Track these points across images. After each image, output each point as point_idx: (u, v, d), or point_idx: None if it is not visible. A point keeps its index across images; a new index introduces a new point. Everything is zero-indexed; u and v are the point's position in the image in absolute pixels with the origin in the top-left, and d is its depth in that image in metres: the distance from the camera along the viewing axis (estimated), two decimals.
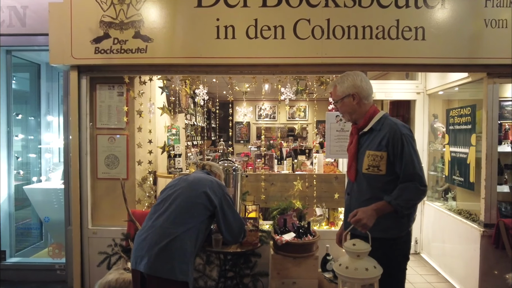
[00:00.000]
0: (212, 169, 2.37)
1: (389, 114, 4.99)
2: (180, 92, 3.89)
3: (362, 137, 1.90)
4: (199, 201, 1.97)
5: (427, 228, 4.25)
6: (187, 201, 1.96)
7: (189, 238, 1.88)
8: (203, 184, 2.05)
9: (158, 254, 1.81)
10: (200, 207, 1.97)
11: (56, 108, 4.50)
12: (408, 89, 4.37)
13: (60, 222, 3.62)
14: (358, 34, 2.92)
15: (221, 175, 2.41)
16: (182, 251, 1.85)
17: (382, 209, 1.72)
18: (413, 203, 1.75)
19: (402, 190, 1.72)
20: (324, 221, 3.35)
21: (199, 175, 2.17)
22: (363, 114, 1.89)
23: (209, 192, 2.01)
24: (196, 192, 2.00)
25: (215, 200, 2.01)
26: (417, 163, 1.74)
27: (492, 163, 3.06)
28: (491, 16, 2.90)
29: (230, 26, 2.93)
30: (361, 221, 1.67)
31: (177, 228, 1.87)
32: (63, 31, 3.01)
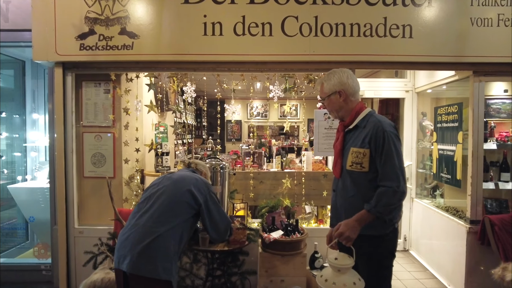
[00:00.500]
0: (198, 167, 2.33)
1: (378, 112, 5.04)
2: (168, 89, 3.84)
3: (348, 134, 1.90)
4: (183, 199, 1.94)
5: (415, 225, 4.29)
6: (171, 200, 1.93)
7: (172, 237, 1.86)
8: (187, 182, 2.02)
9: (140, 253, 1.78)
10: (184, 206, 1.94)
11: (42, 106, 4.41)
12: (397, 87, 4.39)
13: (46, 222, 3.56)
14: (346, 31, 2.92)
15: (207, 173, 2.38)
16: (165, 250, 1.82)
17: (364, 218, 1.71)
18: (393, 207, 1.72)
19: (379, 196, 1.71)
20: (312, 218, 3.35)
21: (184, 173, 2.14)
22: (350, 111, 1.89)
23: (194, 190, 1.98)
24: (180, 190, 1.97)
25: (200, 198, 1.98)
26: (397, 162, 1.72)
27: (478, 161, 3.10)
28: (477, 15, 2.93)
29: (218, 22, 2.90)
30: (343, 234, 1.67)
31: (160, 227, 1.84)
32: (46, 26, 2.95)
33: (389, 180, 1.70)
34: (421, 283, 3.52)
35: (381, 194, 1.71)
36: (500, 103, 3.49)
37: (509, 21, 2.95)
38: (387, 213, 1.71)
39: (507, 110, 3.47)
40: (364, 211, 1.72)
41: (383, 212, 1.70)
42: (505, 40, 2.96)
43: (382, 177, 1.74)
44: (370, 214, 1.71)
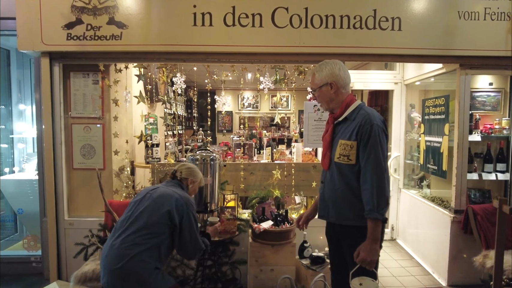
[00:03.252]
0: (183, 175, 2.22)
1: (368, 104, 5.07)
2: (157, 80, 3.81)
3: (337, 126, 1.91)
4: (161, 221, 1.91)
5: (402, 215, 4.39)
6: (148, 221, 1.90)
7: (149, 256, 1.86)
8: (167, 202, 1.96)
9: (115, 275, 1.84)
10: (162, 227, 1.91)
11: (29, 96, 4.33)
12: (387, 79, 4.44)
13: (35, 214, 3.53)
14: (336, 23, 2.93)
15: (195, 177, 2.25)
16: (141, 269, 1.83)
17: (373, 230, 1.71)
18: (384, 189, 1.72)
19: (368, 188, 1.71)
20: (302, 209, 3.41)
21: (165, 191, 2.04)
22: (340, 103, 1.89)
23: (172, 211, 1.93)
24: (159, 212, 1.92)
25: (176, 219, 1.94)
26: (380, 154, 1.73)
27: (463, 152, 3.18)
28: (464, 8, 2.97)
29: (208, 13, 2.88)
30: (366, 260, 1.69)
31: (134, 249, 1.83)
32: (32, 15, 2.88)
33: (370, 175, 1.72)
34: (407, 271, 3.63)
35: (369, 186, 1.72)
36: (485, 96, 3.56)
37: (495, 15, 3.00)
38: (385, 202, 1.71)
39: (491, 103, 3.55)
40: (369, 223, 1.71)
41: (384, 205, 1.71)
42: (491, 33, 3.01)
43: (364, 168, 1.74)
44: (377, 221, 1.71)
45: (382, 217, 1.71)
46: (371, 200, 1.71)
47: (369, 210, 1.72)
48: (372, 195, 1.71)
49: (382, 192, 1.72)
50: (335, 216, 1.88)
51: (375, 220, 1.71)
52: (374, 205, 1.70)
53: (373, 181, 1.71)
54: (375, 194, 1.70)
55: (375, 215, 1.70)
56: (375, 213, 1.70)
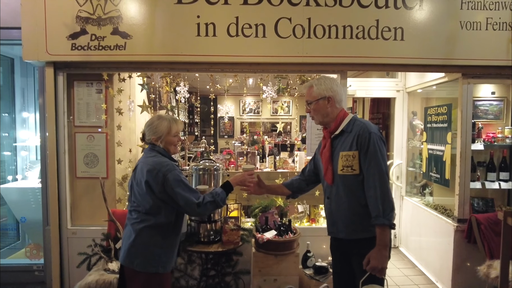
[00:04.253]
0: (146, 137, 1.99)
1: (370, 111, 5.08)
2: (160, 89, 3.83)
3: (335, 140, 1.93)
4: (146, 196, 1.86)
5: (405, 222, 4.39)
6: (136, 198, 1.93)
7: (155, 231, 1.89)
8: (143, 173, 1.86)
9: (128, 249, 1.90)
10: (149, 200, 1.86)
11: (32, 104, 4.35)
12: (388, 87, 4.45)
13: (38, 222, 3.53)
14: (339, 33, 2.95)
15: (157, 133, 1.95)
16: (146, 246, 1.89)
17: (382, 236, 1.72)
18: (388, 194, 1.75)
19: (372, 195, 1.75)
20: (305, 217, 3.41)
21: (141, 161, 1.95)
22: (334, 118, 1.93)
23: (150, 182, 1.84)
24: (140, 186, 1.88)
25: (155, 189, 1.84)
26: (381, 161, 1.76)
27: (465, 161, 3.18)
28: (466, 18, 2.99)
29: (211, 23, 2.90)
30: (376, 267, 1.70)
31: (137, 225, 1.89)
32: (37, 26, 2.90)
33: (373, 182, 1.76)
34: (410, 280, 3.62)
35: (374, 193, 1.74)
36: (487, 105, 3.57)
37: (497, 25, 3.02)
38: (391, 207, 1.74)
39: (494, 112, 3.56)
40: (378, 230, 1.73)
41: (390, 210, 1.73)
42: (493, 43, 3.03)
43: (367, 176, 1.77)
44: (384, 227, 1.72)
45: (389, 222, 1.73)
46: (376, 206, 1.74)
47: (375, 216, 1.74)
48: (377, 201, 1.74)
49: (386, 197, 1.75)
50: (344, 231, 1.88)
51: (383, 226, 1.73)
52: (380, 211, 1.73)
53: (377, 187, 1.75)
54: (379, 199, 1.74)
55: (382, 221, 1.72)
56: (382, 219, 1.72)
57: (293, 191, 2.23)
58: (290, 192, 2.23)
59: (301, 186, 2.21)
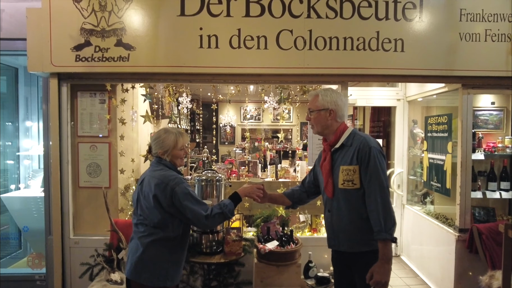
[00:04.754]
0: (154, 151, 2.00)
1: (370, 119, 5.10)
2: (163, 99, 3.86)
3: (335, 153, 1.94)
4: (154, 211, 1.87)
5: (406, 231, 4.39)
6: (144, 211, 1.92)
7: (162, 245, 1.90)
8: (151, 187, 1.88)
9: (135, 263, 1.90)
10: (157, 214, 1.88)
11: (35, 113, 4.38)
12: (389, 96, 4.48)
13: (40, 231, 3.55)
14: (340, 45, 2.98)
15: (165, 148, 1.96)
16: (154, 260, 1.89)
17: (385, 251, 1.74)
18: (389, 209, 1.78)
19: (374, 210, 1.77)
20: (306, 227, 3.42)
21: (147, 180, 1.94)
22: (334, 131, 1.95)
23: (158, 196, 1.85)
24: (148, 199, 1.88)
25: (163, 203, 1.85)
26: (382, 175, 1.79)
27: (466, 170, 3.19)
28: (465, 30, 3.02)
29: (214, 35, 2.94)
30: (380, 282, 1.72)
31: (144, 239, 1.90)
32: (42, 37, 2.94)
33: (374, 196, 1.78)
34: None
35: (375, 207, 1.76)
36: (487, 115, 3.59)
37: (496, 36, 3.05)
38: (392, 221, 1.76)
39: (494, 121, 3.58)
40: (380, 244, 1.75)
41: (392, 224, 1.75)
42: (492, 54, 3.05)
43: (368, 191, 1.80)
44: (386, 241, 1.74)
45: (391, 237, 1.75)
46: (378, 220, 1.76)
47: (377, 231, 1.76)
48: (378, 216, 1.76)
49: (388, 211, 1.77)
50: (346, 244, 1.90)
51: (385, 241, 1.75)
52: (381, 226, 1.75)
53: (378, 202, 1.77)
54: (381, 214, 1.76)
55: (384, 236, 1.74)
56: (384, 234, 1.74)
57: (293, 202, 2.24)
58: (291, 203, 2.24)
59: (301, 197, 2.23)
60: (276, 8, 2.92)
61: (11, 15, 3.35)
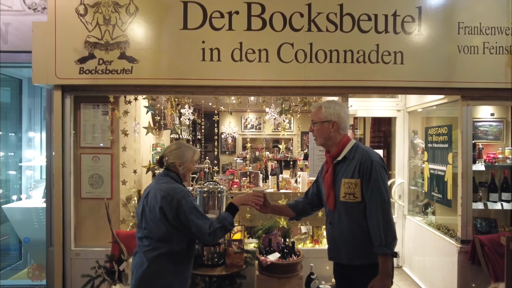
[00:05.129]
0: (170, 161, 2.03)
1: (371, 129, 5.11)
2: (165, 110, 3.90)
3: (337, 165, 1.96)
4: (160, 221, 1.88)
5: (408, 242, 4.37)
6: (148, 224, 1.92)
7: (164, 262, 1.90)
8: (157, 200, 1.89)
9: (140, 277, 1.90)
10: (163, 227, 1.88)
11: (38, 123, 4.42)
12: (389, 107, 4.52)
13: (41, 242, 3.54)
14: (340, 57, 3.02)
15: (183, 160, 2.03)
16: (160, 274, 1.89)
17: (384, 265, 1.75)
18: (390, 223, 1.79)
19: (374, 224, 1.78)
20: (308, 239, 3.41)
21: (153, 192, 1.95)
22: (337, 143, 1.96)
23: (165, 209, 1.87)
24: (154, 212, 1.89)
25: (169, 216, 1.87)
26: (383, 189, 1.80)
27: (467, 181, 3.20)
28: (463, 43, 3.06)
29: (216, 48, 2.98)
30: None
31: (149, 254, 1.90)
32: (47, 51, 2.99)
33: (375, 211, 1.79)
34: None
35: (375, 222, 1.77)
36: (487, 126, 3.62)
37: (494, 49, 3.09)
38: (392, 236, 1.77)
39: (494, 133, 3.60)
40: (380, 258, 1.76)
41: (392, 239, 1.76)
42: (491, 66, 3.09)
43: (369, 205, 1.81)
44: (387, 256, 1.75)
45: (391, 251, 1.75)
46: (378, 235, 1.76)
47: (377, 245, 1.77)
48: (379, 230, 1.77)
49: (388, 226, 1.78)
50: (347, 257, 1.90)
51: (385, 255, 1.75)
52: (382, 240, 1.75)
53: (379, 216, 1.78)
54: (381, 228, 1.76)
55: (384, 250, 1.75)
56: (384, 248, 1.75)
57: (297, 213, 2.23)
58: (294, 214, 2.24)
59: (305, 209, 2.23)
60: (277, 22, 2.98)
61: (17, 28, 3.41)
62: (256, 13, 2.98)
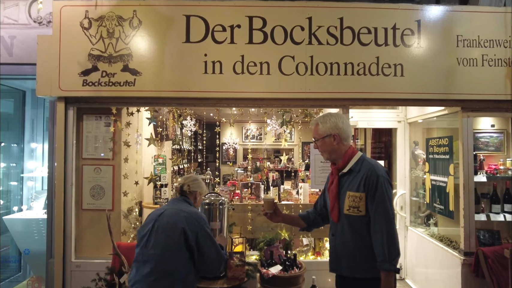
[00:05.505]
0: (192, 189, 2.21)
1: (372, 140, 5.11)
2: (167, 122, 3.93)
3: (343, 177, 1.95)
4: (177, 247, 1.92)
5: (410, 253, 4.33)
6: (164, 248, 1.92)
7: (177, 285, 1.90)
8: (179, 222, 1.96)
9: None
10: (179, 251, 1.92)
11: (41, 134, 4.45)
12: (390, 118, 4.54)
13: (41, 254, 3.52)
14: (340, 70, 3.06)
15: (202, 190, 2.29)
16: None
17: (387, 281, 1.74)
18: (394, 239, 1.78)
19: (378, 239, 1.77)
20: (310, 251, 3.38)
21: (172, 212, 2.03)
22: (342, 155, 1.96)
23: (186, 229, 1.94)
24: (172, 236, 1.92)
25: (190, 238, 1.94)
26: (388, 205, 1.79)
27: (469, 193, 3.19)
28: (462, 55, 3.10)
29: (218, 61, 3.02)
30: None
31: (160, 281, 1.88)
32: (51, 63, 3.03)
33: (379, 226, 1.78)
34: None
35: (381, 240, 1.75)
36: (488, 137, 3.63)
37: (492, 61, 3.13)
38: (396, 251, 1.75)
39: (495, 144, 3.61)
40: (383, 274, 1.74)
41: (396, 255, 1.74)
42: (490, 78, 3.12)
43: (374, 219, 1.80)
44: (389, 272, 1.74)
45: (394, 268, 1.74)
46: (382, 251, 1.75)
47: (381, 261, 1.75)
48: (383, 246, 1.75)
49: (392, 242, 1.76)
50: (348, 269, 1.89)
51: (388, 271, 1.73)
52: (385, 256, 1.74)
53: (383, 232, 1.76)
54: (385, 244, 1.75)
55: (388, 267, 1.73)
56: (387, 264, 1.73)
57: (308, 224, 2.22)
58: (306, 225, 2.23)
59: (316, 220, 2.22)
60: (278, 35, 3.02)
61: (22, 41, 3.46)
62: (257, 27, 3.03)
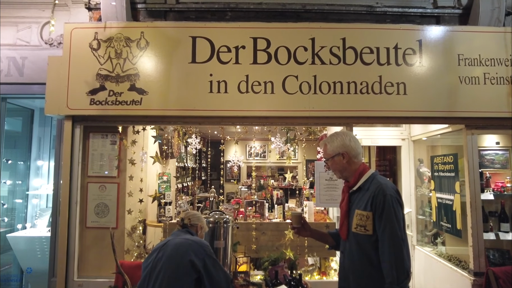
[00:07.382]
0: (192, 222, 2.33)
1: (376, 157, 5.08)
2: (172, 140, 3.97)
3: (353, 195, 1.95)
4: (185, 272, 1.96)
5: (418, 273, 4.22)
6: (171, 279, 1.94)
7: None
8: (185, 251, 2.02)
9: None
10: (187, 280, 1.96)
11: (47, 152, 4.50)
12: (394, 136, 4.54)
13: (43, 273, 3.49)
14: (343, 89, 3.10)
15: (203, 224, 2.38)
16: None
17: None
18: (403, 260, 1.73)
19: (386, 260, 1.73)
20: (315, 271, 3.32)
21: (177, 242, 2.10)
22: (353, 172, 1.94)
23: (193, 259, 2.00)
24: (179, 265, 1.97)
25: (198, 265, 2.00)
26: (396, 225, 1.74)
27: (476, 211, 3.14)
28: (464, 74, 3.14)
29: (223, 81, 3.08)
30: None
31: None
32: (60, 83, 3.11)
33: (387, 247, 1.73)
34: None
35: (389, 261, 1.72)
36: (493, 154, 3.61)
37: (494, 79, 3.16)
38: (407, 273, 1.71)
39: (500, 161, 3.59)
40: None
41: (405, 277, 1.70)
42: (493, 96, 3.15)
43: (381, 239, 1.75)
44: None
45: (402, 285, 1.69)
46: (390, 272, 1.71)
47: (389, 283, 1.71)
48: (391, 267, 1.71)
49: (400, 263, 1.72)
50: (355, 287, 1.85)
51: None
52: (394, 278, 1.70)
53: (391, 253, 1.72)
54: (394, 266, 1.71)
55: (394, 286, 1.69)
56: (396, 286, 1.69)
57: (337, 243, 2.15)
58: (335, 243, 2.17)
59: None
60: (282, 55, 3.09)
61: (33, 62, 3.56)
62: (261, 48, 3.10)
